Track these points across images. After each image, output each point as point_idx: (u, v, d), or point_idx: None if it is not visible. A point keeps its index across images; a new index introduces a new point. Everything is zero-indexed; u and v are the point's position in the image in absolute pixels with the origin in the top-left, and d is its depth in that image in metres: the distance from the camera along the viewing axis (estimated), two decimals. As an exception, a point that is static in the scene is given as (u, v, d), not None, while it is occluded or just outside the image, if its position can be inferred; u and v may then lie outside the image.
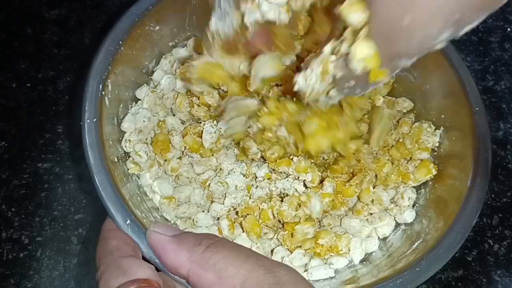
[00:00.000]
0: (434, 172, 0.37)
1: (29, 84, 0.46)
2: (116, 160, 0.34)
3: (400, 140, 0.39)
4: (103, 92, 0.34)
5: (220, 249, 0.25)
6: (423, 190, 0.38)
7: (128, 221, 0.29)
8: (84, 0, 0.51)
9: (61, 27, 0.50)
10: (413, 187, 0.38)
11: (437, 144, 0.38)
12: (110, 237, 0.28)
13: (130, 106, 0.38)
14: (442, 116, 0.38)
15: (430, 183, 0.38)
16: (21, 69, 0.47)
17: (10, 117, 0.45)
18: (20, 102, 0.45)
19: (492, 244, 0.42)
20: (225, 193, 0.36)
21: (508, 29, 0.53)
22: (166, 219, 0.36)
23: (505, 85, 0.50)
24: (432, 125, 0.39)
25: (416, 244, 0.34)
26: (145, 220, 0.31)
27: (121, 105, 0.37)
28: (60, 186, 0.42)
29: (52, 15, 0.50)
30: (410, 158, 0.39)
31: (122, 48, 0.35)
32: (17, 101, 0.45)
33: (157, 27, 0.38)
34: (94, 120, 0.32)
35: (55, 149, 0.44)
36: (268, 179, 0.36)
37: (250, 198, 0.36)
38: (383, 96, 0.41)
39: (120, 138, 0.36)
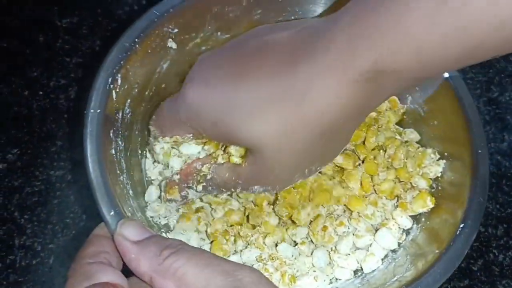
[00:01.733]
0: (431, 205, 0.37)
1: (41, 92, 0.47)
2: (114, 152, 0.35)
3: (401, 165, 0.39)
4: (111, 85, 0.34)
5: (180, 257, 0.25)
6: (415, 225, 0.38)
7: (112, 212, 0.30)
8: (95, 9, 0.52)
9: (73, 35, 0.50)
10: (410, 215, 0.38)
11: (439, 174, 0.38)
12: (93, 243, 0.28)
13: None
14: (445, 153, 0.38)
15: (423, 218, 0.38)
16: (33, 77, 0.48)
17: (22, 125, 0.45)
18: (33, 109, 0.46)
19: (497, 254, 0.43)
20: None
21: (513, 41, 0.54)
22: (151, 221, 0.37)
23: (510, 97, 0.51)
24: (437, 153, 0.39)
25: (395, 278, 0.34)
26: (129, 215, 0.32)
27: (128, 101, 0.37)
28: (73, 194, 0.43)
29: (64, 23, 0.51)
30: (410, 185, 0.39)
31: (137, 45, 0.35)
32: (29, 108, 0.46)
33: (175, 30, 0.38)
34: (98, 111, 0.33)
35: (67, 157, 0.44)
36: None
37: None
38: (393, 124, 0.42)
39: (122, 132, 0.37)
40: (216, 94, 0.30)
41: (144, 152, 0.40)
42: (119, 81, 0.35)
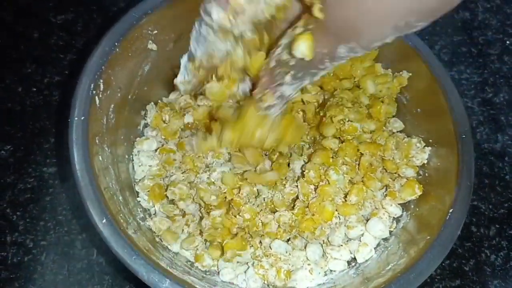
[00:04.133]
0: (419, 193, 0.38)
1: (34, 89, 0.47)
2: (101, 159, 0.35)
3: (390, 158, 0.39)
4: (94, 91, 0.34)
5: None
6: (404, 212, 0.39)
7: (104, 220, 0.30)
8: (90, 6, 0.52)
9: (67, 32, 0.50)
10: (399, 204, 0.39)
11: (425, 161, 0.39)
12: None
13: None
14: (430, 140, 0.39)
15: (412, 205, 0.39)
16: (27, 73, 0.47)
17: (15, 121, 0.45)
18: (26, 106, 0.46)
19: (489, 254, 0.43)
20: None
21: (507, 42, 0.54)
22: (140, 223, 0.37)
23: (504, 98, 0.51)
24: (422, 142, 0.39)
25: (389, 266, 0.35)
26: (121, 221, 0.32)
27: (112, 105, 0.37)
28: (65, 191, 0.42)
29: (58, 20, 0.50)
30: (397, 175, 0.39)
31: (117, 49, 0.36)
32: (22, 105, 0.46)
33: (155, 31, 0.38)
34: (82, 118, 0.33)
35: (60, 154, 0.44)
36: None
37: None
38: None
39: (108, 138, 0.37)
40: None
41: (131, 156, 0.40)
42: (101, 87, 0.35)
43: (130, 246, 0.30)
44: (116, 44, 0.36)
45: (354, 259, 0.38)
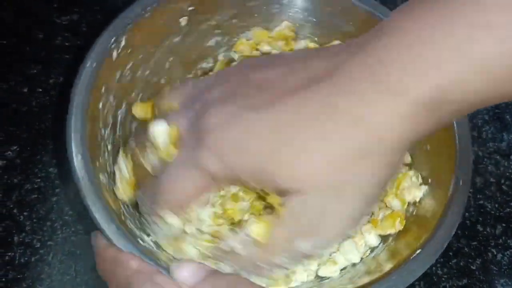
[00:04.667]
0: (399, 228, 0.36)
1: (40, 89, 0.47)
2: (101, 106, 0.34)
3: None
4: (113, 45, 0.34)
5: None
6: (381, 244, 0.37)
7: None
8: (94, 7, 0.52)
9: (72, 33, 0.50)
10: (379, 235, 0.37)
11: (417, 199, 0.37)
12: (129, 259, 0.28)
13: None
14: (429, 180, 0.38)
15: (391, 238, 0.37)
16: (32, 74, 0.48)
17: (21, 122, 0.45)
18: (32, 106, 0.46)
19: (495, 253, 0.43)
20: None
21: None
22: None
23: (509, 96, 0.51)
24: (420, 178, 0.38)
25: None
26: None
27: (130, 63, 0.37)
28: (72, 191, 0.43)
29: (63, 21, 0.51)
30: (384, 204, 0.38)
31: (148, 13, 0.35)
32: (28, 105, 0.46)
33: (191, 8, 0.38)
34: (94, 64, 0.33)
35: (66, 154, 0.44)
36: None
37: None
38: None
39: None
40: (254, 138, 0.27)
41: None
42: (123, 43, 0.35)
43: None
44: (148, 8, 0.35)
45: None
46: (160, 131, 0.31)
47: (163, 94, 0.36)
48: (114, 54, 0.35)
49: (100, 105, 0.34)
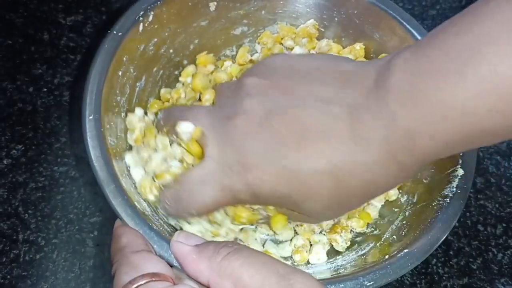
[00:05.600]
0: (365, 230, 0.38)
1: (45, 89, 0.47)
2: (121, 75, 0.35)
3: None
4: (141, 18, 0.35)
5: (238, 257, 0.25)
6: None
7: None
8: (99, 7, 0.52)
9: (77, 33, 0.51)
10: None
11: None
12: (121, 234, 0.29)
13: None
14: (424, 180, 0.38)
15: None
16: (38, 74, 0.48)
17: (27, 121, 0.46)
18: (37, 106, 0.47)
19: (496, 253, 0.43)
20: None
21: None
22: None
23: (509, 98, 0.51)
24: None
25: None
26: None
27: (155, 39, 0.37)
28: (76, 190, 0.43)
29: (68, 21, 0.51)
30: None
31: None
32: (33, 105, 0.47)
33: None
34: (120, 33, 0.34)
35: (71, 153, 0.45)
36: None
37: None
38: None
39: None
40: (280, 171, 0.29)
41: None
42: (150, 18, 0.36)
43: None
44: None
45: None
46: (186, 130, 0.32)
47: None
48: (141, 27, 0.36)
49: (120, 73, 0.35)
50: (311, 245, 0.37)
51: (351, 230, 0.38)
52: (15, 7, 0.51)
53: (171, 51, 0.40)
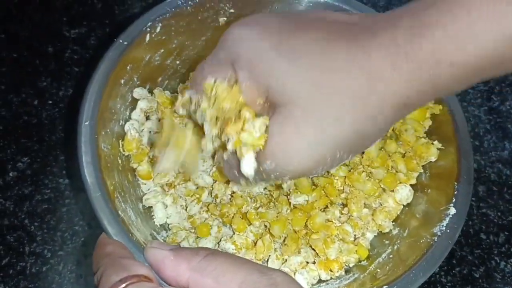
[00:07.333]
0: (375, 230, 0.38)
1: (50, 102, 0.48)
2: (123, 83, 0.36)
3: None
4: (148, 29, 0.35)
5: (217, 257, 0.26)
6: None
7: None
8: (103, 20, 0.53)
9: (81, 46, 0.51)
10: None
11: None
12: (107, 243, 0.30)
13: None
14: (417, 215, 0.38)
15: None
16: (43, 87, 0.49)
17: (32, 134, 0.46)
18: (42, 119, 0.47)
19: (498, 261, 0.44)
20: None
21: (513, 51, 0.55)
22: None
23: (510, 106, 0.52)
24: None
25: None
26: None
27: (161, 50, 0.38)
28: (81, 202, 0.43)
29: (72, 34, 0.52)
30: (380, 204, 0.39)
31: (189, 7, 0.37)
32: (39, 118, 0.47)
33: (232, 10, 0.39)
34: (125, 43, 0.35)
35: (76, 165, 0.45)
36: None
37: None
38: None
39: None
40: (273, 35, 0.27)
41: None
42: (158, 29, 0.36)
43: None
44: (190, 2, 0.36)
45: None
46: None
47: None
48: (147, 37, 0.36)
49: (122, 81, 0.36)
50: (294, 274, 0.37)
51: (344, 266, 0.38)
52: (20, 20, 0.52)
53: (177, 62, 0.41)
